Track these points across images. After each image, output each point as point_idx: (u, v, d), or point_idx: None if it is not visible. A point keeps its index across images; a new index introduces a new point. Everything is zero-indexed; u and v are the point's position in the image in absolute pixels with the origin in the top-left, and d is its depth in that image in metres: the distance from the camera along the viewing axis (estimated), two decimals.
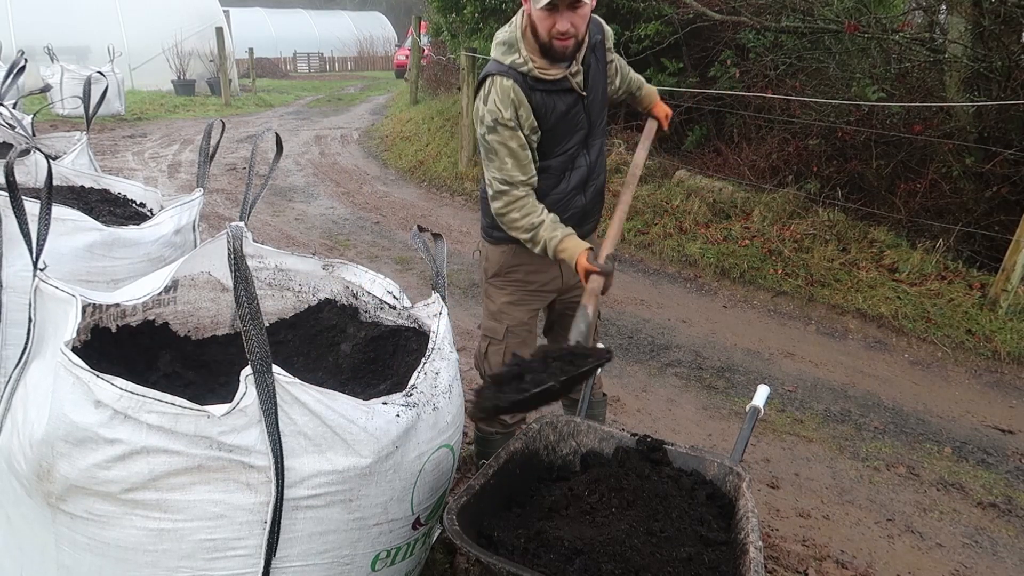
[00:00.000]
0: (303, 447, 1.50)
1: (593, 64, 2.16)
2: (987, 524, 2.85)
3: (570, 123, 2.16)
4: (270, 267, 2.34)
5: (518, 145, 2.08)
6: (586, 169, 2.25)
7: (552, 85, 2.07)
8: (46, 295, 1.65)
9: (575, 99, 2.13)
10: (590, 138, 2.24)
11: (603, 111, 2.27)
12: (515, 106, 2.05)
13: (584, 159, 2.24)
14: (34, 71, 10.10)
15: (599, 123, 2.26)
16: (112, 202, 3.11)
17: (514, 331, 2.33)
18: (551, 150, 2.17)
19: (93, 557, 1.47)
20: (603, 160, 2.34)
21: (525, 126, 2.08)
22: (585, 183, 2.27)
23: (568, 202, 2.24)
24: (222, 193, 7.25)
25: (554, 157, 2.19)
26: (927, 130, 5.53)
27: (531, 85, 2.05)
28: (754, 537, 1.59)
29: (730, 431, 3.36)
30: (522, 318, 2.33)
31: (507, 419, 2.38)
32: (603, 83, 2.23)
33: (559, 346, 1.79)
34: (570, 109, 2.13)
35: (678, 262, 5.68)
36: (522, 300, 2.33)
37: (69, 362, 1.43)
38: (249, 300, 1.43)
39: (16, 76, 3.66)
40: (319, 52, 28.67)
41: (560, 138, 2.17)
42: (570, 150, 2.20)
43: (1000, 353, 4.27)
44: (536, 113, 2.07)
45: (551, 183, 2.21)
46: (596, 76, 2.18)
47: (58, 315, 1.61)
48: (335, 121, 12.88)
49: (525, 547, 1.58)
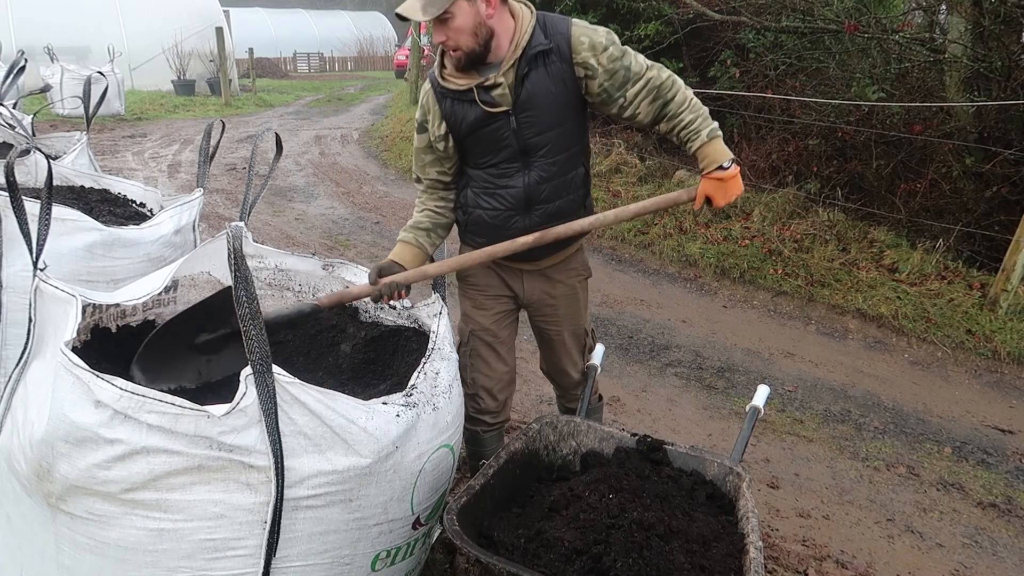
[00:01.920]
0: (303, 447, 1.50)
1: (533, 76, 1.91)
2: (987, 524, 2.85)
3: (488, 137, 1.99)
4: (270, 267, 2.34)
5: (423, 145, 2.11)
6: (522, 191, 2.03)
7: (460, 95, 1.96)
8: (46, 295, 1.65)
9: (485, 114, 1.94)
10: (528, 158, 2.01)
11: (553, 130, 1.98)
12: (425, 111, 2.06)
13: (520, 179, 2.03)
14: (34, 71, 10.08)
15: (544, 144, 1.99)
16: (112, 202, 3.11)
17: (477, 335, 2.26)
18: (474, 160, 2.09)
19: (93, 557, 1.47)
20: (565, 184, 2.06)
21: (431, 132, 2.06)
22: (527, 206, 2.05)
23: (504, 221, 2.08)
24: (222, 193, 7.25)
25: (479, 168, 2.08)
26: (927, 130, 5.54)
27: (442, 92, 2.00)
28: (754, 537, 1.59)
29: (730, 431, 3.36)
30: (484, 323, 2.25)
31: (488, 419, 2.30)
32: (554, 99, 1.94)
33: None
34: (483, 122, 1.96)
35: (678, 262, 5.68)
36: (481, 305, 2.26)
37: (69, 362, 1.43)
38: (249, 300, 1.43)
39: (16, 76, 3.66)
40: (319, 52, 28.68)
41: (482, 151, 2.04)
42: (496, 165, 2.04)
43: (1000, 353, 4.27)
44: (447, 120, 2.02)
45: (478, 199, 2.11)
46: (537, 90, 1.92)
47: (58, 315, 1.61)
48: (335, 121, 12.88)
49: (525, 547, 1.58)
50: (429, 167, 2.14)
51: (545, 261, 2.19)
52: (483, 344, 2.26)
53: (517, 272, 2.22)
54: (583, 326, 2.36)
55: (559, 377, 2.44)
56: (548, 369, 2.47)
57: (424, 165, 2.15)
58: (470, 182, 2.13)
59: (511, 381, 2.35)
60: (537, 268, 2.20)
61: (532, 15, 1.94)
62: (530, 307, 2.29)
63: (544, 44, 1.89)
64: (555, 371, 2.44)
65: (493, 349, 2.27)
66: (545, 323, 2.32)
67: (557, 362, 2.39)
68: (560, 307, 2.27)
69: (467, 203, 2.15)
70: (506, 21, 1.90)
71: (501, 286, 2.25)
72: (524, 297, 2.26)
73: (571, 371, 2.38)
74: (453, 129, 2.02)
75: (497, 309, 2.26)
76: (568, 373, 2.39)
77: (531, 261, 2.17)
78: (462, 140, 2.04)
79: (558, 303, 2.27)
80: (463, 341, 2.29)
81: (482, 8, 1.83)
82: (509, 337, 2.31)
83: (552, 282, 2.24)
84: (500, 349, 2.28)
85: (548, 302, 2.26)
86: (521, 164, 2.03)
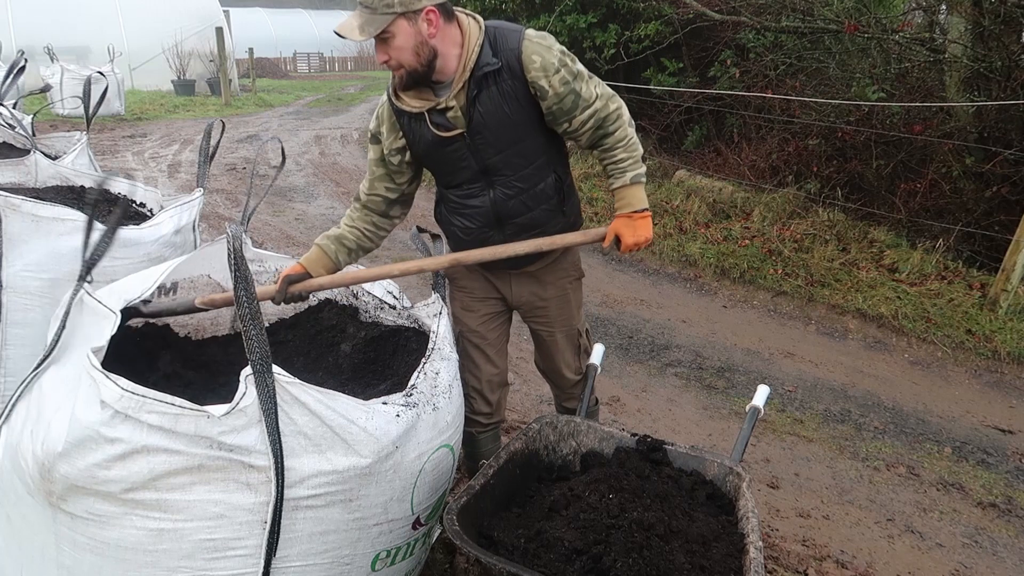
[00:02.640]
0: (303, 447, 1.50)
1: (485, 96, 1.86)
2: (987, 524, 2.85)
3: (447, 158, 1.97)
4: (270, 271, 2.34)
5: (376, 157, 2.08)
6: (490, 208, 2.02)
7: (412, 117, 1.94)
8: (87, 307, 1.65)
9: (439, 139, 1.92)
10: (491, 177, 1.98)
11: (510, 148, 1.94)
12: (379, 120, 2.03)
13: (485, 197, 2.01)
14: (34, 71, 10.11)
15: (504, 163, 1.96)
16: (112, 202, 3.11)
17: (466, 336, 2.25)
18: (441, 179, 2.08)
19: (93, 557, 1.47)
20: (535, 197, 2.02)
21: (386, 144, 2.03)
22: (499, 221, 2.04)
23: (478, 236, 2.08)
24: (222, 193, 7.25)
25: (445, 188, 2.09)
26: (927, 130, 5.54)
27: (397, 109, 1.96)
28: (754, 537, 1.59)
29: (730, 431, 3.36)
30: (471, 325, 2.24)
31: (482, 420, 2.30)
32: (509, 118, 1.90)
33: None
34: (439, 145, 1.93)
35: (678, 262, 5.68)
36: (468, 306, 2.25)
37: (89, 364, 1.44)
38: (249, 300, 1.43)
39: (16, 76, 3.66)
40: (319, 52, 28.65)
41: (443, 171, 2.04)
42: (460, 186, 2.03)
43: (1000, 353, 4.27)
44: (405, 136, 1.99)
45: (451, 216, 2.11)
46: (490, 110, 1.88)
47: (91, 326, 1.61)
48: (335, 121, 12.88)
49: (525, 547, 1.58)
50: (377, 182, 2.10)
51: (531, 266, 2.16)
52: (471, 346, 2.26)
53: (504, 275, 2.20)
54: (576, 327, 2.34)
55: (554, 377, 2.45)
56: (543, 368, 2.47)
57: (373, 180, 2.10)
58: (442, 199, 2.14)
59: (502, 383, 2.34)
60: (524, 272, 2.19)
61: (480, 31, 1.87)
62: (520, 309, 2.29)
63: (492, 64, 1.84)
64: (550, 371, 2.44)
65: (481, 351, 2.26)
66: (537, 324, 2.31)
67: (551, 362, 2.39)
68: (551, 308, 2.26)
69: (441, 220, 2.17)
70: (452, 37, 1.85)
71: (488, 288, 2.24)
72: (513, 300, 2.25)
73: (565, 371, 2.38)
74: (412, 146, 2.00)
75: (484, 311, 2.25)
76: (562, 373, 2.39)
77: (516, 268, 2.16)
78: (421, 159, 2.04)
79: (549, 305, 2.25)
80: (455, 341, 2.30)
81: (423, 27, 1.79)
82: (498, 339, 2.30)
83: (542, 284, 2.22)
84: (488, 351, 2.27)
85: (538, 304, 2.24)
86: (484, 183, 2.00)
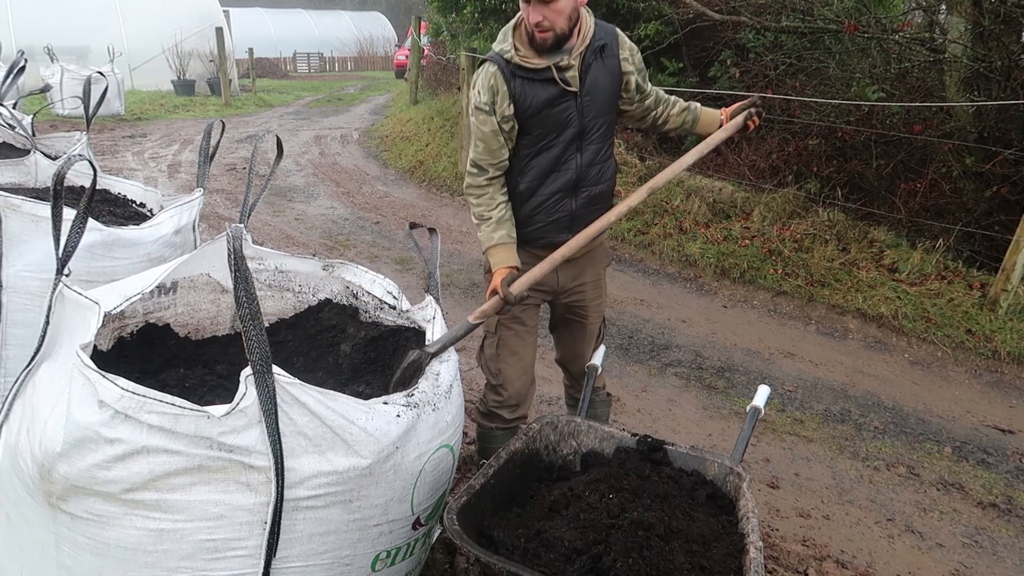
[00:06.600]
0: (303, 447, 1.50)
1: (595, 66, 2.14)
2: (987, 524, 2.85)
3: (555, 117, 2.14)
4: (270, 268, 2.34)
5: (490, 130, 2.16)
6: (575, 172, 2.21)
7: (534, 74, 2.09)
8: (68, 301, 1.65)
9: (560, 92, 2.11)
10: (583, 140, 2.20)
11: (604, 116, 2.21)
12: (492, 92, 2.12)
13: (574, 161, 2.20)
14: (34, 71, 10.10)
15: (598, 127, 2.21)
16: (112, 202, 3.11)
17: (506, 324, 2.35)
18: (535, 144, 2.18)
19: (93, 557, 1.47)
20: (605, 169, 2.28)
21: (498, 112, 2.12)
22: (575, 187, 2.22)
23: (554, 205, 2.23)
24: (222, 193, 7.25)
25: (539, 154, 2.19)
26: (927, 130, 5.54)
27: (513, 72, 2.10)
28: (754, 537, 1.59)
29: (730, 431, 3.36)
30: (514, 312, 2.34)
31: (506, 414, 2.40)
32: (608, 88, 2.18)
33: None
34: (554, 101, 2.12)
35: (678, 262, 5.68)
36: None
37: (81, 363, 1.44)
38: (249, 300, 1.43)
39: (16, 76, 3.66)
40: (319, 52, 28.66)
41: (544, 132, 2.16)
42: (555, 148, 2.18)
43: (1000, 353, 4.27)
44: (515, 100, 2.11)
45: (534, 183, 2.22)
46: (597, 78, 2.15)
47: (76, 320, 1.61)
48: (335, 121, 12.88)
49: (525, 547, 1.58)
50: (503, 150, 2.19)
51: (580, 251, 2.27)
52: (511, 332, 2.36)
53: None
54: (603, 312, 2.52)
55: (575, 364, 2.57)
56: (565, 357, 2.59)
57: (496, 150, 2.19)
58: (523, 168, 2.23)
59: (532, 379, 2.47)
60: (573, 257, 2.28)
61: (590, 13, 2.16)
62: (561, 295, 2.40)
63: (601, 39, 2.14)
64: (573, 358, 2.56)
65: (520, 337, 2.38)
66: (573, 309, 2.44)
67: (578, 347, 2.52)
68: (588, 292, 2.42)
69: (519, 190, 2.25)
70: (583, 12, 2.11)
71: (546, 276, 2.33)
72: (558, 287, 2.36)
73: (588, 355, 2.51)
74: (519, 109, 2.12)
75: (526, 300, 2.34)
76: (586, 358, 2.50)
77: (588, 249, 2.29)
78: (525, 121, 2.14)
79: (587, 289, 2.41)
80: (490, 332, 2.40)
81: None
82: (533, 329, 2.43)
83: (583, 270, 2.38)
84: (527, 338, 2.40)
85: (578, 290, 2.40)
86: (576, 146, 2.19)
